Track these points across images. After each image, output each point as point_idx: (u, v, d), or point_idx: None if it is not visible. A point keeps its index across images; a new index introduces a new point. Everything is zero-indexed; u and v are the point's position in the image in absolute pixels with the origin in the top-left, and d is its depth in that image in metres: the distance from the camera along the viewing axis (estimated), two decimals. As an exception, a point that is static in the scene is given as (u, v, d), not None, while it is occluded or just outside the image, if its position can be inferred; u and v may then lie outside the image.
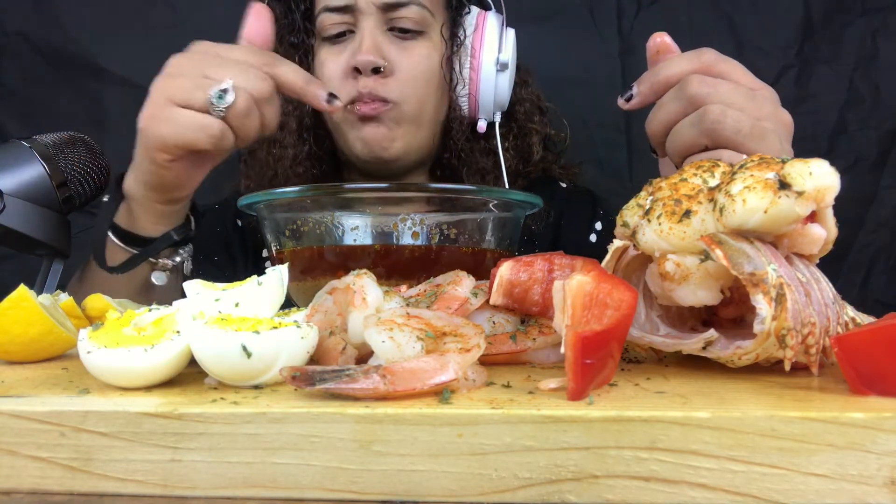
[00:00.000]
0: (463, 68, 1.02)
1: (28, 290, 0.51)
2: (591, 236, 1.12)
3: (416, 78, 0.99)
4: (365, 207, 0.70)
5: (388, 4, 0.97)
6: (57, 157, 0.74)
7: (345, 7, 0.97)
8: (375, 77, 0.96)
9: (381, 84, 0.96)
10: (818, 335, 0.39)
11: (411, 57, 0.99)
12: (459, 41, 1.02)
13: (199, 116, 0.68)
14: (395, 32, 0.99)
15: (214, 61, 0.69)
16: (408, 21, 0.98)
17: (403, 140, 1.00)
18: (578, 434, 0.33)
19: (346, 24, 0.98)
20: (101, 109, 1.41)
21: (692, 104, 0.63)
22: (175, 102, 0.68)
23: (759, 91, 0.64)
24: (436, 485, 0.33)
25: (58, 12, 1.40)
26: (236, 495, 0.34)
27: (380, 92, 0.96)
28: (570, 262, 0.48)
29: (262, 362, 0.39)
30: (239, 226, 1.13)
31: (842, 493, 0.32)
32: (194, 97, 0.67)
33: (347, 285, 0.47)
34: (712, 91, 0.62)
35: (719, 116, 0.61)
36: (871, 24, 1.39)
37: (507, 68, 1.02)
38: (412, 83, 0.98)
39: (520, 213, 0.75)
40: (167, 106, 0.68)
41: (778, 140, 0.63)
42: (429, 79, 1.00)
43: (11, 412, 0.35)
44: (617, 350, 0.38)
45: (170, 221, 0.80)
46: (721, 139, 0.62)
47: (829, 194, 0.40)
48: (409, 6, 0.98)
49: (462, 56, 1.02)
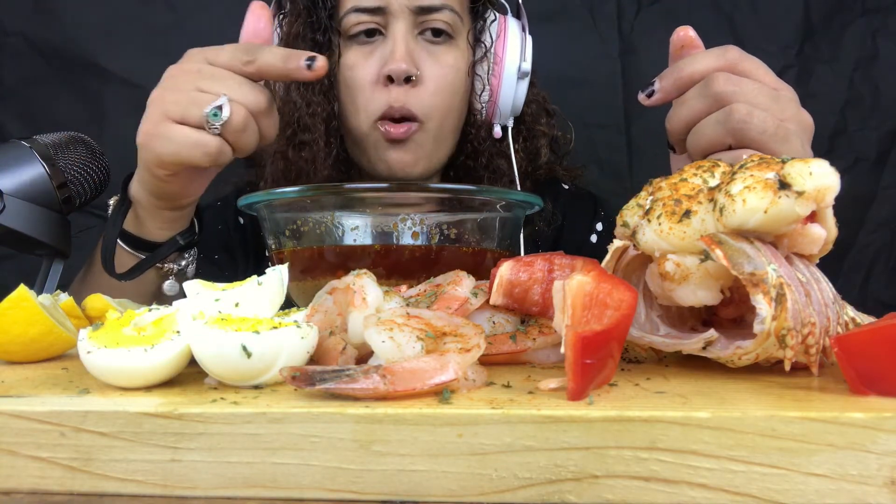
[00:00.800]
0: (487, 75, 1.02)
1: (28, 290, 0.51)
2: (591, 237, 1.12)
3: (444, 89, 0.98)
4: (365, 207, 0.70)
5: (422, 7, 0.96)
6: (57, 157, 0.74)
7: (377, 9, 0.96)
8: (406, 87, 0.95)
9: (413, 95, 0.96)
10: (818, 335, 0.39)
11: (441, 67, 0.98)
12: (485, 48, 1.02)
13: (194, 134, 0.67)
14: (425, 36, 0.98)
15: (208, 73, 0.68)
16: (440, 23, 0.98)
17: (427, 161, 1.00)
18: (578, 434, 0.33)
19: (375, 23, 0.97)
20: (101, 109, 1.41)
21: (717, 102, 0.62)
22: (171, 118, 0.67)
23: (782, 91, 0.64)
24: (436, 485, 0.33)
25: (58, 12, 1.40)
26: (236, 495, 0.34)
27: (411, 105, 0.95)
28: (570, 262, 0.48)
29: (262, 362, 0.39)
30: (241, 224, 1.12)
31: (842, 493, 0.32)
32: (190, 113, 0.67)
33: (347, 285, 0.47)
34: (738, 90, 0.61)
35: (746, 116, 0.60)
36: (871, 24, 1.39)
37: (527, 76, 1.03)
38: (441, 94, 0.98)
39: (520, 213, 0.75)
40: (163, 122, 0.68)
41: (800, 142, 0.63)
42: (455, 90, 1.00)
43: (11, 412, 0.35)
44: (617, 350, 0.38)
45: (176, 226, 0.80)
46: (746, 139, 0.61)
47: (829, 194, 0.40)
48: (443, 10, 0.97)
49: (486, 63, 1.02)
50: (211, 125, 0.66)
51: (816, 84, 1.39)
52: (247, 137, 0.69)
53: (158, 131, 0.68)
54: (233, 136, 0.68)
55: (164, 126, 0.68)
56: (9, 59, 1.40)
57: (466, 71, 1.01)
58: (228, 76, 0.68)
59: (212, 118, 0.66)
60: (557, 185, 1.16)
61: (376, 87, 0.96)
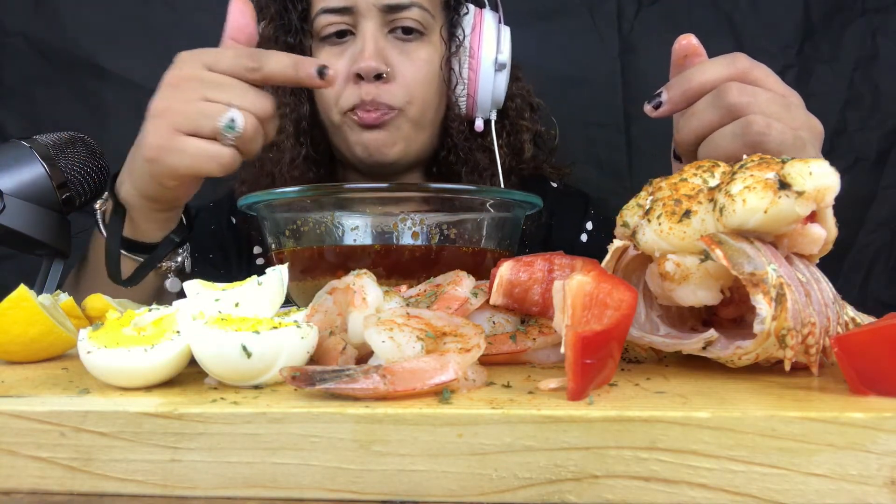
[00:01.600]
0: (462, 69, 1.02)
1: (28, 290, 0.51)
2: (581, 236, 1.12)
3: (418, 83, 0.99)
4: (365, 207, 0.70)
5: (390, 6, 0.96)
6: (57, 157, 0.74)
7: (344, 8, 0.97)
8: (378, 83, 0.96)
9: (385, 90, 0.96)
10: (818, 335, 0.39)
11: (413, 62, 0.99)
12: (458, 41, 1.02)
13: (210, 147, 0.66)
14: (395, 34, 0.99)
15: (212, 81, 0.67)
16: (409, 22, 0.98)
17: (404, 143, 1.00)
18: (578, 434, 0.33)
19: (345, 24, 0.98)
20: (101, 109, 1.41)
21: (731, 113, 0.60)
22: (181, 131, 0.66)
23: (791, 99, 0.63)
24: (436, 485, 0.33)
25: (58, 12, 1.40)
26: (236, 495, 0.34)
27: (383, 98, 0.96)
28: (570, 262, 0.48)
29: (262, 362, 0.39)
30: (233, 223, 1.13)
31: (842, 493, 0.32)
32: (201, 125, 0.66)
33: (347, 285, 0.47)
34: (752, 101, 0.60)
35: (764, 129, 0.59)
36: (871, 24, 1.39)
37: (504, 68, 1.02)
38: (414, 88, 0.99)
39: (519, 213, 0.75)
40: (174, 136, 0.66)
41: (815, 150, 0.62)
42: (430, 82, 1.00)
43: (11, 412, 0.35)
44: (617, 350, 0.38)
45: (169, 225, 0.80)
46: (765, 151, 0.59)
47: (829, 194, 0.40)
48: (411, 8, 0.98)
49: (461, 56, 1.02)
50: (226, 138, 0.66)
51: (816, 84, 1.39)
52: (256, 144, 0.69)
53: (172, 145, 0.67)
54: (246, 146, 0.68)
55: (176, 139, 0.66)
56: (9, 59, 1.40)
57: (440, 64, 1.01)
58: (234, 84, 0.67)
59: (226, 131, 0.65)
60: (545, 183, 1.16)
61: (347, 85, 0.97)
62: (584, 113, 1.38)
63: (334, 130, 1.02)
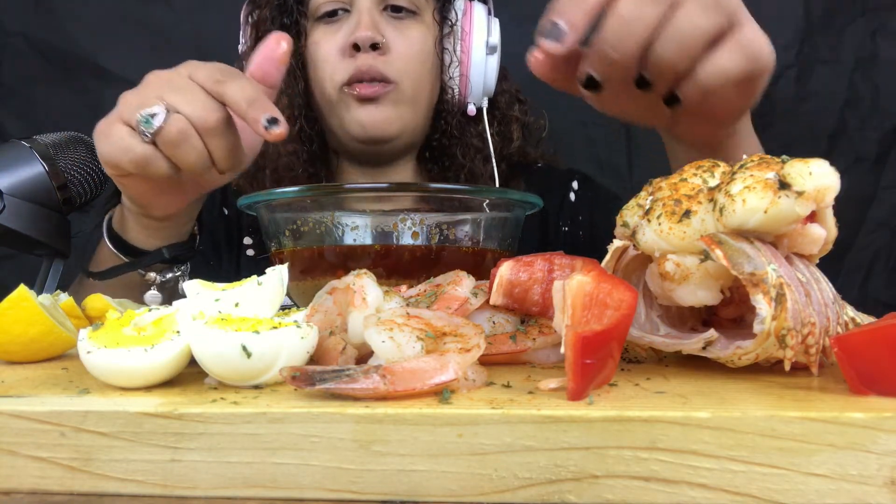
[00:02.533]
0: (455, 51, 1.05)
1: (28, 290, 0.51)
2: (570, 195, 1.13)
3: (413, 57, 1.01)
4: (365, 207, 0.70)
5: None
6: (57, 157, 0.74)
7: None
8: (374, 54, 0.98)
9: (381, 61, 0.98)
10: (818, 335, 0.39)
11: (407, 37, 1.01)
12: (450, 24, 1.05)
13: (125, 138, 0.64)
14: (389, 12, 1.01)
15: (177, 84, 0.65)
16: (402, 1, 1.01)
17: (401, 121, 1.02)
18: (578, 434, 0.33)
19: (340, 2, 1.00)
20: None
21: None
22: (121, 119, 0.65)
23: None
24: (436, 485, 0.33)
25: (58, 12, 1.40)
26: (236, 495, 0.34)
27: (380, 68, 0.98)
28: (570, 262, 0.48)
29: (262, 362, 0.39)
30: (225, 214, 1.14)
31: (842, 493, 0.32)
32: (132, 117, 0.64)
33: (347, 285, 0.47)
34: None
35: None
36: (871, 24, 1.39)
37: (496, 51, 1.06)
38: (408, 62, 1.00)
39: (520, 213, 0.75)
40: (114, 121, 0.65)
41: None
42: (424, 59, 1.03)
43: (11, 412, 0.35)
44: (617, 350, 0.38)
45: (160, 235, 0.78)
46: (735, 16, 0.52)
47: (829, 194, 0.40)
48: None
49: (453, 39, 1.05)
50: (142, 132, 0.63)
51: (816, 84, 1.39)
52: (185, 154, 0.64)
53: (104, 129, 0.66)
54: (169, 149, 0.64)
55: (112, 125, 0.65)
56: (9, 59, 1.40)
57: (433, 44, 1.04)
58: (191, 89, 0.64)
59: (143, 125, 0.63)
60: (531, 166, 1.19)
61: (343, 58, 0.99)
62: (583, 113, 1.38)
63: (330, 109, 1.03)
